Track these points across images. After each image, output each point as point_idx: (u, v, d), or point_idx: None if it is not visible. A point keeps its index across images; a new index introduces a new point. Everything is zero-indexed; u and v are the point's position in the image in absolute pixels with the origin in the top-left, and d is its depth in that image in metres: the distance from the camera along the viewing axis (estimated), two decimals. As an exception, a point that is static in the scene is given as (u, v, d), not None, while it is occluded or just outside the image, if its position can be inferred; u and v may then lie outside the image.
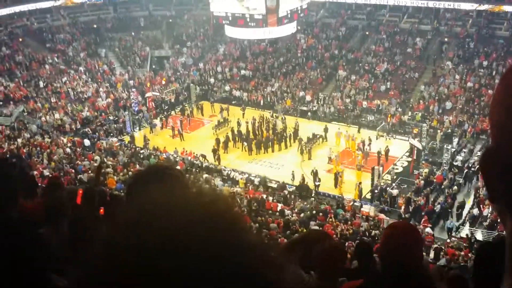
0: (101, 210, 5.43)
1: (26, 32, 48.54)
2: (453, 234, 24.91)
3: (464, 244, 22.19)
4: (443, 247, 21.82)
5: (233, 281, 0.71)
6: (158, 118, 41.06)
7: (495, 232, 22.41)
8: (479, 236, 23.53)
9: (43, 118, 38.01)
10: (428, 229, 24.06)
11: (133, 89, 44.32)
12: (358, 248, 6.56)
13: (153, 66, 50.40)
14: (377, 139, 35.29)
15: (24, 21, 49.24)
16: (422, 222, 24.87)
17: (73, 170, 28.78)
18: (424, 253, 20.16)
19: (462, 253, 20.11)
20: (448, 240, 23.51)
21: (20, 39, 46.92)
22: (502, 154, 0.77)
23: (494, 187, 0.81)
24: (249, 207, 26.38)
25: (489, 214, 24.64)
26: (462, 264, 17.83)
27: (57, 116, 38.56)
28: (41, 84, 42.54)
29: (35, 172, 25.08)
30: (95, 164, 29.99)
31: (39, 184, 11.39)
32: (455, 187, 28.43)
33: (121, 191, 22.76)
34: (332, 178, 30.24)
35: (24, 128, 36.02)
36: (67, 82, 43.78)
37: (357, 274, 4.56)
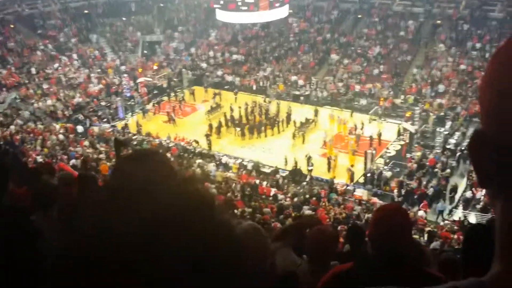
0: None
1: (17, 18, 48.04)
2: (445, 216, 25.10)
3: (456, 227, 22.33)
4: (436, 230, 21.96)
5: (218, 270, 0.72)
6: (151, 103, 40.93)
7: (489, 215, 22.55)
8: (472, 219, 23.69)
9: (35, 105, 37.83)
10: (421, 212, 24.24)
11: (125, 75, 44.08)
12: (350, 232, 6.60)
13: (145, 51, 50.09)
14: (369, 122, 35.35)
15: (15, 7, 48.73)
16: (421, 206, 25.04)
17: (66, 157, 28.70)
18: (417, 236, 20.33)
19: (455, 236, 20.23)
20: (442, 223, 23.67)
21: (12, 26, 46.49)
22: (495, 137, 0.75)
23: (483, 170, 0.80)
24: (242, 192, 26.45)
25: (482, 197, 24.77)
26: (456, 247, 17.95)
27: (49, 102, 38.37)
28: (33, 70, 42.26)
29: (29, 159, 25.06)
30: (88, 151, 29.94)
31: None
32: (448, 170, 28.56)
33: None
34: (325, 162, 30.31)
35: (17, 115, 35.84)
36: (59, 68, 43.52)
37: (349, 258, 4.58)
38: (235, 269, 0.75)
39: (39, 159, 26.68)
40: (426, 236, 21.34)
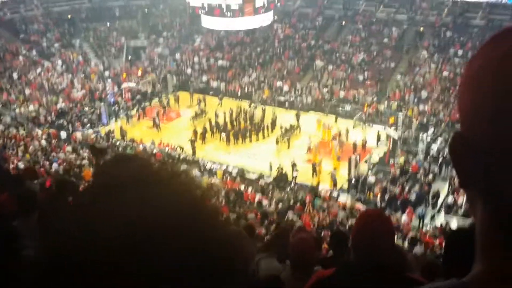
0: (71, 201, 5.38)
1: (-1, 22, 47.67)
2: (426, 222, 25.31)
3: (439, 233, 22.48)
4: (418, 236, 22.08)
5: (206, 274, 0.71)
6: (135, 109, 40.74)
7: (470, 220, 22.68)
8: (454, 224, 23.86)
9: (17, 110, 37.48)
10: (404, 218, 24.39)
11: (109, 80, 43.86)
12: (334, 238, 6.63)
13: (129, 57, 49.87)
14: (354, 128, 35.51)
15: (-3, 11, 48.32)
16: (406, 211, 25.17)
17: (47, 163, 28.43)
18: (400, 242, 20.43)
19: (437, 242, 20.36)
20: (424, 229, 23.82)
21: (-8, 30, 46.07)
22: (481, 140, 0.75)
23: (466, 173, 0.79)
24: (227, 198, 26.40)
25: (464, 202, 24.98)
26: (438, 253, 18.05)
27: (31, 108, 38.04)
28: (15, 75, 41.84)
29: (11, 165, 24.76)
30: (71, 156, 29.69)
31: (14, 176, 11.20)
32: (431, 176, 28.77)
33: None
34: (310, 168, 30.36)
35: (-2, 121, 35.48)
36: (42, 73, 43.14)
37: (332, 263, 4.60)
38: (224, 270, 0.74)
39: (21, 165, 26.39)
40: (407, 241, 21.45)
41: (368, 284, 2.33)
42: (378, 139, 33.73)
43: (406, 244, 20.96)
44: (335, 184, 28.84)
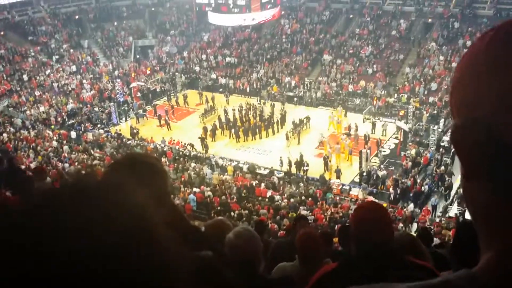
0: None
1: (7, 25, 47.96)
2: (439, 213, 25.26)
3: (453, 223, 22.40)
4: (432, 227, 22.00)
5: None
6: (144, 108, 40.89)
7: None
8: (467, 215, 23.74)
9: (27, 112, 37.75)
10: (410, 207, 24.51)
11: (118, 80, 44.07)
12: (341, 232, 6.68)
13: (137, 56, 50.08)
14: (363, 122, 35.41)
15: (5, 14, 48.62)
16: (423, 210, 25.09)
17: (60, 163, 28.63)
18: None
19: (450, 232, 20.29)
20: (437, 220, 23.74)
21: (1, 33, 46.34)
22: (491, 129, 0.73)
23: (473, 163, 0.78)
24: (238, 194, 26.47)
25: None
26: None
27: (42, 109, 38.30)
28: (25, 77, 42.15)
29: (23, 167, 24.92)
30: (82, 157, 29.88)
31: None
32: (443, 167, 28.64)
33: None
34: (321, 162, 30.33)
35: (9, 123, 35.73)
36: (51, 74, 43.42)
37: (340, 257, 4.64)
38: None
39: (33, 166, 26.59)
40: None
41: (371, 273, 2.35)
42: (384, 133, 33.61)
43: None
44: (337, 177, 28.73)
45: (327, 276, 2.61)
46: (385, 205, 22.52)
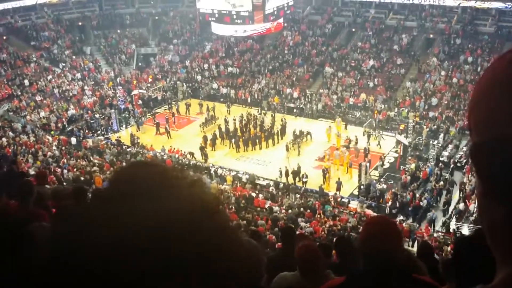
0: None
1: (10, 30, 48.06)
2: (437, 228, 25.19)
3: (452, 239, 22.34)
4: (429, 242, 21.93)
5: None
6: (145, 116, 40.88)
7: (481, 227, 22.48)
8: (465, 231, 23.71)
9: (28, 117, 37.71)
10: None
11: (119, 87, 44.09)
12: (337, 244, 6.68)
13: (139, 64, 50.16)
14: (364, 135, 35.40)
15: (8, 19, 48.71)
16: (424, 228, 25.02)
17: (58, 169, 28.55)
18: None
19: (449, 248, 20.24)
20: (435, 235, 23.68)
21: (4, 37, 46.43)
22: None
23: (492, 181, 0.79)
24: (237, 204, 26.39)
25: (474, 209, 24.82)
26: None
27: (42, 114, 38.28)
28: (26, 82, 42.17)
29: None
30: (82, 163, 29.83)
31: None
32: (441, 183, 28.62)
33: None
34: (320, 174, 30.30)
35: (9, 127, 35.69)
36: (52, 80, 43.45)
37: (338, 268, 4.66)
38: (235, 279, 0.75)
39: (32, 171, 26.54)
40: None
41: None
42: (379, 145, 33.72)
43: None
44: (338, 189, 28.70)
45: None
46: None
